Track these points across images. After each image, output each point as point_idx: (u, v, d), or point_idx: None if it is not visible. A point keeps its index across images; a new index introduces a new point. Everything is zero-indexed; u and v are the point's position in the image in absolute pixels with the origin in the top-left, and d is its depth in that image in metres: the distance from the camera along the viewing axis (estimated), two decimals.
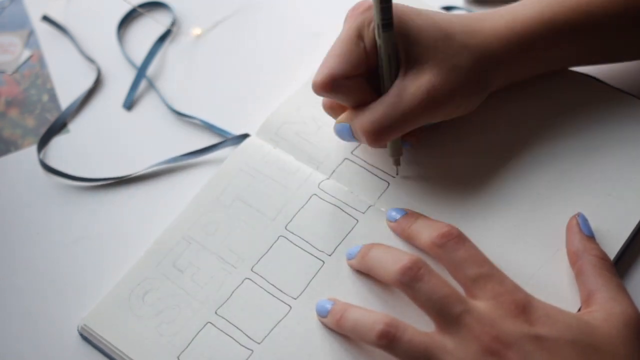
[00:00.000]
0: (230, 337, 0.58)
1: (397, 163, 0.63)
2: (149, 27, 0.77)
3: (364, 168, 0.65)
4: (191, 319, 0.59)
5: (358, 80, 0.59)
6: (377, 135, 0.59)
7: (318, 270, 0.60)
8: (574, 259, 0.58)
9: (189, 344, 0.58)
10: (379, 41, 0.59)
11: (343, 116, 0.62)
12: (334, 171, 0.65)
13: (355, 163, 0.65)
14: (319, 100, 0.67)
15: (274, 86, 0.72)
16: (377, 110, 0.59)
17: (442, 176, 0.63)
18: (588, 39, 0.62)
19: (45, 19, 0.78)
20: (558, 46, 0.62)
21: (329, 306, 0.58)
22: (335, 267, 0.60)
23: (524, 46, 0.61)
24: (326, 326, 0.58)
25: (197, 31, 0.76)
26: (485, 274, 0.54)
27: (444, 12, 0.62)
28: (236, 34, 0.76)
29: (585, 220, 0.59)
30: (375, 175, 0.64)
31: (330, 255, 0.61)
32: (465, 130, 0.65)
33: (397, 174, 0.64)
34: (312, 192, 0.64)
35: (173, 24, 0.77)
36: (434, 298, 0.53)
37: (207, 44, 0.76)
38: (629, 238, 0.60)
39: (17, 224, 0.67)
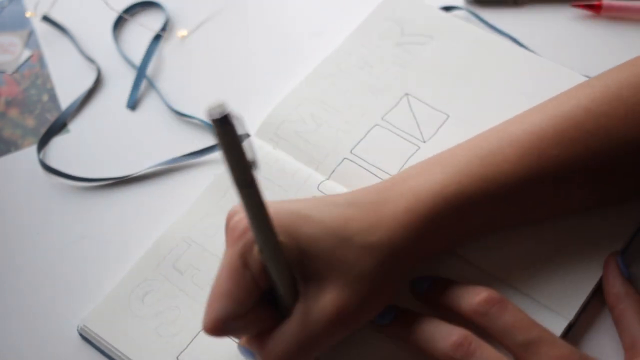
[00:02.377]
0: (230, 338, 0.58)
1: None
2: (144, 27, 0.77)
3: (363, 167, 0.65)
4: (191, 320, 0.59)
5: (253, 313, 0.51)
6: None
7: None
8: (615, 303, 0.56)
9: (188, 345, 0.58)
10: (269, 264, 0.50)
11: (244, 340, 0.54)
12: (333, 171, 0.65)
13: (354, 162, 0.65)
14: (318, 97, 0.68)
15: (273, 86, 0.72)
16: (282, 342, 0.51)
17: None
18: (502, 208, 0.57)
19: (45, 19, 0.78)
20: (471, 219, 0.57)
21: (391, 315, 0.56)
22: None
23: (434, 228, 0.55)
24: (384, 334, 0.57)
25: (182, 33, 0.76)
26: (536, 339, 0.52)
27: (331, 200, 0.55)
28: (233, 34, 0.76)
29: (623, 261, 0.58)
30: (375, 174, 0.64)
31: None
32: None
33: None
34: (311, 194, 0.64)
35: (164, 27, 0.76)
36: None
37: (204, 43, 0.76)
38: (629, 240, 0.60)
39: (17, 224, 0.67)
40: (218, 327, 0.50)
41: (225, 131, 0.40)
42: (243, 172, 0.43)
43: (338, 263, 0.52)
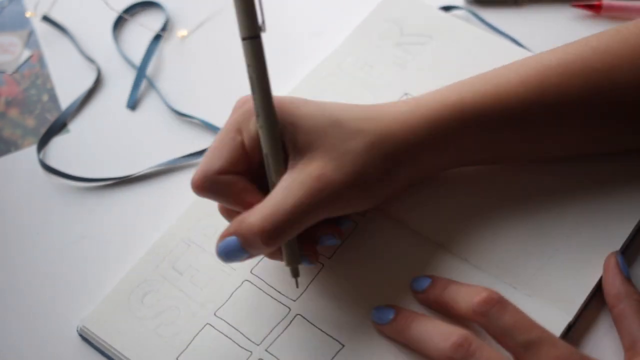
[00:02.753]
0: (229, 338, 0.58)
1: (295, 274, 0.57)
2: (144, 27, 0.77)
3: None
4: (190, 320, 0.59)
5: (238, 178, 0.54)
6: (269, 236, 0.52)
7: (318, 272, 0.60)
8: (614, 302, 0.56)
9: (188, 346, 0.58)
10: (262, 133, 0.53)
11: (226, 230, 0.54)
12: None
13: None
14: (317, 96, 0.67)
15: (273, 85, 0.71)
16: (265, 207, 0.52)
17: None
18: (501, 130, 0.58)
19: (45, 19, 0.78)
20: (469, 134, 0.57)
21: (390, 315, 0.56)
22: (334, 269, 0.61)
23: (431, 130, 0.56)
24: (382, 334, 0.57)
25: (182, 33, 0.76)
26: (536, 339, 0.52)
27: (337, 102, 0.58)
28: (234, 34, 0.76)
29: (623, 260, 0.58)
30: None
31: (329, 258, 0.61)
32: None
33: (297, 286, 0.58)
34: None
35: (164, 27, 0.77)
36: None
37: (204, 43, 0.76)
38: (628, 238, 0.59)
39: (17, 224, 0.67)
40: (201, 180, 0.54)
41: None
42: (251, 22, 0.50)
43: (329, 137, 0.54)
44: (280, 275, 0.60)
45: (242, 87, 0.72)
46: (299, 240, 0.56)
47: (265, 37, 0.75)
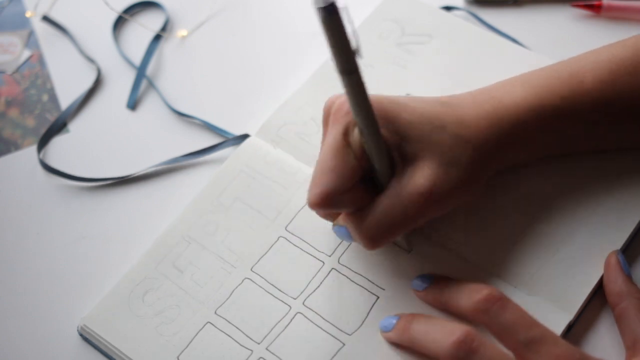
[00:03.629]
0: (230, 337, 0.58)
1: (409, 250, 0.61)
2: (144, 27, 0.77)
3: None
4: (191, 318, 0.59)
5: (354, 190, 0.55)
6: (375, 242, 0.56)
7: (318, 271, 0.60)
8: (616, 301, 0.56)
9: (188, 344, 0.58)
10: (367, 145, 0.54)
11: (340, 219, 0.58)
12: None
13: None
14: (319, 100, 0.67)
15: (274, 86, 0.72)
16: (374, 216, 0.55)
17: None
18: (574, 128, 0.60)
19: (45, 19, 0.78)
20: (548, 133, 0.60)
21: (394, 321, 0.57)
22: (334, 267, 0.61)
23: (518, 135, 0.58)
24: (390, 341, 0.57)
25: (182, 32, 0.76)
26: (537, 337, 0.52)
27: (424, 98, 0.59)
28: (235, 34, 0.76)
29: (624, 259, 0.58)
30: None
31: (330, 256, 0.61)
32: None
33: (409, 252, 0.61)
34: None
35: (164, 27, 0.77)
36: None
37: (205, 43, 0.76)
38: (629, 237, 0.60)
39: (17, 224, 0.67)
40: (323, 200, 0.54)
41: (331, 19, 0.43)
42: (347, 59, 0.46)
43: (434, 146, 0.55)
44: (281, 273, 0.61)
45: (242, 87, 0.73)
46: None
47: (265, 38, 0.76)
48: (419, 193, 0.54)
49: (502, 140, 0.58)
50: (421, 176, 0.55)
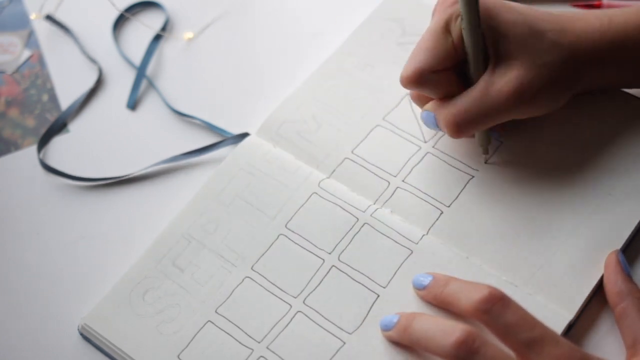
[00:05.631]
0: (230, 335, 0.58)
1: (485, 152, 0.63)
2: (144, 27, 0.77)
3: (364, 167, 0.65)
4: (191, 317, 0.59)
5: (445, 74, 0.59)
6: (460, 128, 0.59)
7: (318, 269, 0.60)
8: (617, 301, 0.56)
9: (189, 343, 0.58)
10: (465, 35, 0.58)
11: (429, 105, 0.61)
12: (334, 171, 0.65)
13: (355, 162, 0.65)
14: (319, 98, 0.67)
15: (273, 85, 0.72)
16: (462, 104, 0.59)
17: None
18: None
19: (49, 18, 0.78)
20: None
21: (395, 319, 0.56)
22: (334, 264, 0.61)
23: (616, 50, 0.60)
24: (391, 340, 0.57)
25: (188, 35, 0.76)
26: (539, 337, 0.51)
27: (533, 7, 0.62)
28: (235, 34, 0.76)
29: (625, 259, 0.58)
30: (375, 174, 0.64)
31: (330, 254, 0.61)
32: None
33: (486, 162, 0.64)
34: (312, 190, 0.64)
35: (164, 27, 0.77)
36: None
37: (205, 43, 0.76)
38: (629, 237, 0.60)
39: (17, 224, 0.67)
40: (416, 75, 0.58)
41: None
42: None
43: (529, 49, 0.58)
44: (281, 272, 0.60)
45: (242, 86, 0.73)
46: None
47: (266, 38, 0.76)
48: (507, 91, 0.58)
49: (602, 55, 0.60)
50: (513, 75, 0.58)
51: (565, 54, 0.59)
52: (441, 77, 0.59)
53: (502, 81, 0.58)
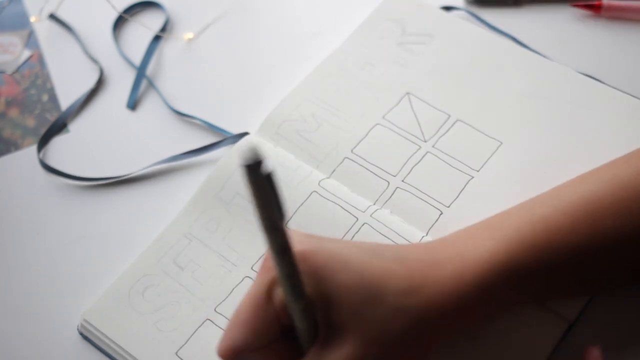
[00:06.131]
0: None
1: None
2: (144, 27, 0.77)
3: (364, 167, 0.65)
4: (190, 315, 0.59)
5: (271, 349, 0.49)
6: None
7: None
8: None
9: (187, 340, 0.58)
10: (288, 305, 0.48)
11: None
12: (334, 170, 0.65)
13: (355, 162, 0.65)
14: (319, 96, 0.67)
15: (273, 85, 0.72)
16: None
17: None
18: (552, 280, 0.53)
19: (52, 17, 0.78)
20: (517, 290, 0.53)
21: None
22: None
23: (479, 295, 0.51)
24: None
25: (188, 35, 0.76)
26: None
27: (381, 250, 0.52)
28: (235, 34, 0.76)
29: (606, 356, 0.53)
30: (375, 174, 0.64)
31: None
32: None
33: None
34: (312, 189, 0.63)
35: (164, 28, 0.77)
36: None
37: (205, 43, 0.76)
38: None
39: (17, 224, 0.67)
40: (231, 355, 0.48)
41: (256, 178, 0.40)
42: (270, 217, 0.42)
43: (365, 319, 0.48)
44: None
45: (243, 86, 0.73)
46: None
47: (266, 37, 0.76)
48: None
49: (462, 303, 0.51)
50: (342, 354, 0.47)
51: (407, 321, 0.49)
52: (265, 352, 0.49)
53: (333, 358, 0.47)
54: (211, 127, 0.70)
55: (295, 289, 0.46)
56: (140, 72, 0.74)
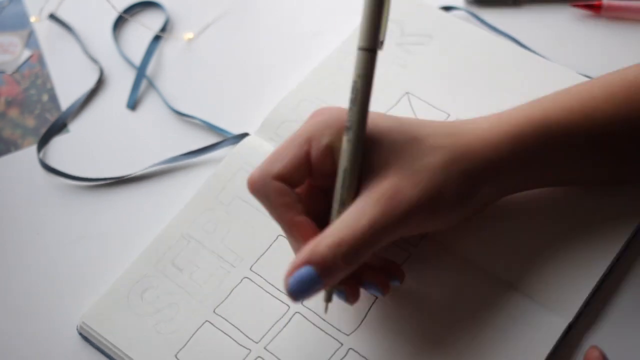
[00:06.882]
0: (228, 335, 0.58)
1: (328, 299, 0.54)
2: (144, 27, 0.77)
3: None
4: (189, 317, 0.59)
5: (289, 191, 0.52)
6: (347, 259, 0.49)
7: None
8: None
9: (186, 342, 0.58)
10: (346, 147, 0.51)
11: (295, 261, 0.50)
12: None
13: None
14: (318, 96, 0.67)
15: (273, 85, 0.72)
16: (339, 230, 0.49)
17: None
18: (588, 149, 0.55)
19: (52, 17, 0.78)
20: (555, 151, 0.54)
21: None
22: None
23: (514, 147, 0.53)
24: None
25: (188, 35, 0.76)
26: None
27: (415, 118, 0.56)
28: (234, 34, 0.76)
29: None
30: None
31: None
32: None
33: (325, 312, 0.55)
34: None
35: (164, 28, 0.77)
36: None
37: (205, 43, 0.76)
38: (627, 240, 0.59)
39: (17, 224, 0.67)
40: (255, 180, 0.52)
41: None
42: (374, 34, 0.50)
43: (404, 156, 0.51)
44: (280, 272, 0.60)
45: (242, 86, 0.73)
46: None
47: (265, 37, 0.76)
48: (385, 199, 0.50)
49: (497, 156, 0.53)
50: (387, 184, 0.50)
51: (447, 155, 0.52)
52: (283, 190, 0.52)
53: (377, 194, 0.50)
54: (211, 127, 0.70)
55: (362, 127, 0.51)
56: (140, 72, 0.74)
